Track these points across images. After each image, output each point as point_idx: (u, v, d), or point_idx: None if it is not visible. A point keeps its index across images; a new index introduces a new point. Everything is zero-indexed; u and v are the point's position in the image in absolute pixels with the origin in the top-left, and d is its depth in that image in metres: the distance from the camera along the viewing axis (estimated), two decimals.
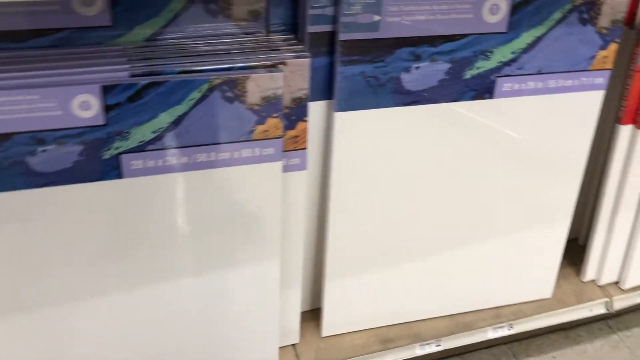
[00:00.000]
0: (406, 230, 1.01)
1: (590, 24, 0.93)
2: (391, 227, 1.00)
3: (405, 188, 0.97)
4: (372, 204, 0.97)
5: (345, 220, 0.97)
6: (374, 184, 0.95)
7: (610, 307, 1.20)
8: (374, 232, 0.99)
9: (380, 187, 0.96)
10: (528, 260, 1.13)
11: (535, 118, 0.98)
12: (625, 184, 1.12)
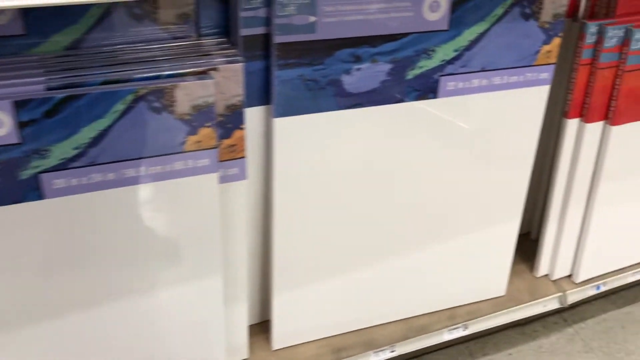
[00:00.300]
0: (354, 236, 0.98)
1: (533, 19, 0.91)
2: (339, 233, 0.96)
3: (352, 193, 0.94)
4: (318, 211, 0.93)
5: (291, 229, 0.93)
6: (319, 190, 0.92)
7: (564, 302, 1.20)
8: (321, 240, 0.96)
9: (326, 193, 0.92)
10: (481, 258, 1.11)
11: (481, 116, 0.96)
12: (574, 177, 1.11)
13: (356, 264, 1.00)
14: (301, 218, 0.93)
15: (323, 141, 0.88)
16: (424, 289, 1.09)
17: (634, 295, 1.41)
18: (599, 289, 1.24)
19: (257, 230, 0.96)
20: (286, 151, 0.86)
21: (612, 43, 1.00)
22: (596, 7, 1.06)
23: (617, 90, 1.04)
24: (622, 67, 1.02)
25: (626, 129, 1.08)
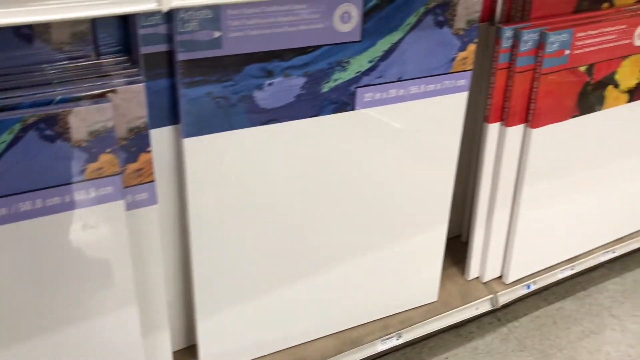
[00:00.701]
0: (277, 252, 0.95)
1: (447, 26, 0.90)
2: (260, 251, 0.93)
3: (271, 209, 0.91)
4: (237, 230, 0.90)
5: (210, 251, 0.89)
6: (236, 209, 0.88)
7: (496, 304, 1.21)
8: (242, 259, 0.93)
9: (243, 211, 0.89)
10: (411, 265, 1.10)
11: (401, 125, 0.95)
12: (499, 180, 1.12)
13: (282, 280, 0.98)
14: (219, 238, 0.89)
15: (237, 159, 0.85)
16: (355, 300, 1.07)
17: (564, 290, 1.44)
18: (529, 288, 1.25)
19: (175, 254, 0.92)
20: (198, 172, 0.83)
21: (527, 47, 1.01)
22: (512, 10, 1.06)
23: (535, 93, 1.05)
24: (539, 70, 1.03)
25: (546, 130, 1.09)
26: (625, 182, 1.29)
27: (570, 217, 1.24)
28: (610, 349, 1.30)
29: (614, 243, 1.36)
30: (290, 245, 0.95)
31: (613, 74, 1.12)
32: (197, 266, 0.89)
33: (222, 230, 0.89)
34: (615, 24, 1.07)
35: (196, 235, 0.87)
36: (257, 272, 0.95)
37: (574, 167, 1.18)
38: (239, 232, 0.90)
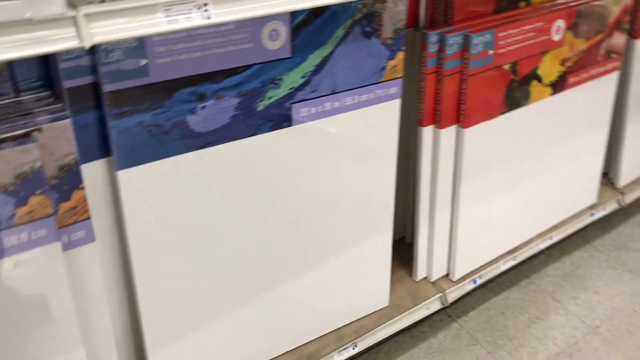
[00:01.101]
0: (223, 275, 0.93)
1: (375, 36, 0.91)
2: (206, 276, 0.91)
3: (214, 234, 0.89)
4: (181, 259, 0.88)
5: (155, 282, 0.87)
6: (178, 238, 0.86)
7: (445, 301, 1.23)
8: (189, 286, 0.90)
9: (186, 239, 0.87)
10: (360, 273, 1.11)
11: (339, 137, 0.95)
12: (437, 181, 1.14)
13: (231, 303, 0.96)
14: (163, 268, 0.87)
15: (175, 187, 0.83)
16: (308, 314, 1.06)
17: (509, 280, 1.48)
18: (475, 283, 1.28)
19: (120, 289, 0.88)
20: (136, 203, 0.80)
21: (453, 50, 1.03)
22: (435, 15, 1.08)
23: (465, 94, 1.07)
24: (466, 72, 1.06)
25: (477, 129, 1.12)
26: (555, 171, 1.34)
27: (508, 210, 1.28)
28: (556, 334, 1.35)
29: (550, 230, 1.41)
30: (235, 267, 0.94)
31: (536, 69, 1.17)
32: (143, 298, 0.87)
33: (165, 260, 0.86)
34: (533, 22, 1.11)
35: (139, 268, 0.84)
36: (204, 297, 0.93)
37: (507, 161, 1.22)
38: (183, 260, 0.88)
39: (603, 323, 1.38)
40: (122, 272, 0.87)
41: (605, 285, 1.48)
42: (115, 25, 0.52)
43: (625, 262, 1.55)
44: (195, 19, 0.54)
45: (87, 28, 0.50)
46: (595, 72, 1.29)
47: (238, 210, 0.90)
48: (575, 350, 1.31)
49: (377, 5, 0.89)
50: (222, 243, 0.90)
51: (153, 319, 0.89)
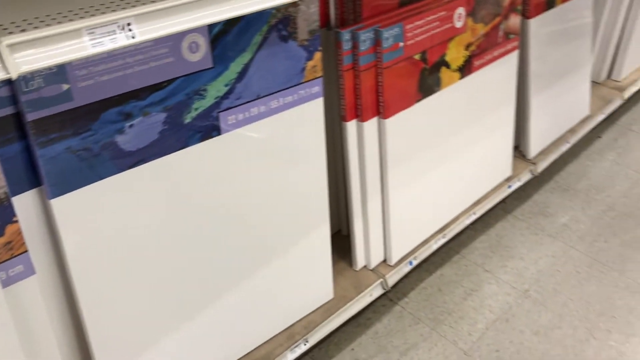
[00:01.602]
0: (170, 290, 0.93)
1: (292, 39, 0.94)
2: (153, 293, 0.91)
3: (155, 249, 0.89)
4: (125, 278, 0.87)
5: (100, 308, 0.85)
6: (120, 258, 0.85)
7: (386, 286, 1.28)
8: (136, 305, 0.90)
9: (128, 257, 0.86)
10: (303, 271, 1.13)
11: (268, 140, 0.97)
12: (366, 171, 1.18)
13: (179, 316, 0.96)
14: (107, 291, 0.86)
15: (111, 209, 0.82)
16: (257, 318, 1.08)
17: (441, 258, 1.55)
18: (412, 264, 1.34)
19: (66, 319, 0.86)
20: (72, 229, 0.79)
21: (366, 46, 1.07)
22: (345, 14, 1.12)
23: (381, 87, 1.12)
24: (380, 65, 1.10)
25: (397, 118, 1.17)
26: (472, 149, 1.42)
27: (434, 191, 1.35)
28: (491, 302, 1.43)
29: (473, 206, 1.50)
30: (179, 280, 0.94)
31: (443, 56, 1.23)
32: (90, 323, 0.85)
33: (109, 282, 0.85)
34: (436, 12, 1.17)
35: (83, 294, 0.83)
36: (152, 314, 0.92)
37: (427, 146, 1.28)
38: (127, 279, 0.87)
39: (532, 286, 1.48)
40: (66, 300, 0.85)
41: (529, 251, 1.58)
42: (41, 53, 0.52)
43: (544, 227, 1.66)
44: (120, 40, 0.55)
45: (12, 58, 0.49)
46: (497, 53, 1.38)
47: (176, 223, 0.90)
48: (510, 315, 1.40)
49: (291, 9, 0.92)
50: (164, 258, 0.90)
51: (102, 342, 0.87)
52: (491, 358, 1.30)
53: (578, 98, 1.79)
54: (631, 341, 1.34)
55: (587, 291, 1.46)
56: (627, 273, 1.51)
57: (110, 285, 0.85)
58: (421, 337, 1.34)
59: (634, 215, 1.70)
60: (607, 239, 1.62)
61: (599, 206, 1.73)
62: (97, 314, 0.85)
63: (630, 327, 1.37)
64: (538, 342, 1.34)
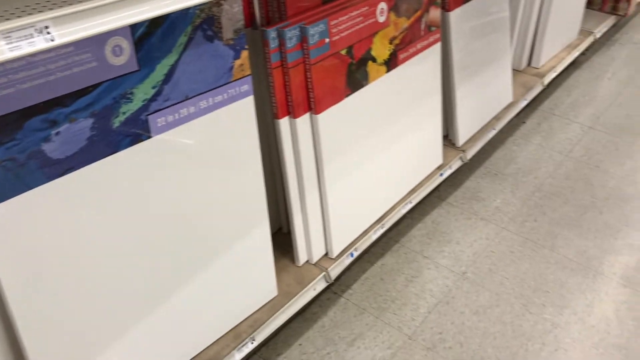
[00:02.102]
0: (110, 298, 0.92)
1: (217, 39, 0.95)
2: (93, 302, 0.90)
3: (92, 257, 0.88)
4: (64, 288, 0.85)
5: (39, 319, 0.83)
6: (57, 267, 0.84)
7: (329, 279, 1.30)
8: (76, 315, 0.88)
9: (65, 266, 0.85)
10: (245, 270, 1.14)
11: (200, 141, 0.97)
12: (302, 167, 1.20)
13: (123, 324, 0.95)
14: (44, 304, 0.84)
15: (41, 219, 0.80)
16: (202, 320, 1.08)
17: (381, 248, 1.59)
18: (353, 256, 1.36)
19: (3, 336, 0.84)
20: (3, 241, 0.77)
21: (293, 43, 1.09)
22: (270, 13, 1.14)
23: (311, 83, 1.14)
24: (308, 62, 1.12)
25: (328, 113, 1.19)
26: (403, 140, 1.46)
27: (369, 182, 1.38)
28: (432, 286, 1.48)
29: (408, 195, 1.54)
30: (118, 288, 0.93)
31: (369, 51, 1.27)
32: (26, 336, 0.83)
33: (44, 294, 0.83)
34: (359, 7, 1.20)
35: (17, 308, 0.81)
36: (93, 322, 0.91)
37: (360, 139, 1.31)
38: (66, 290, 0.85)
39: (468, 268, 1.53)
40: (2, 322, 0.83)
41: (464, 235, 1.64)
42: None
43: (477, 212, 1.72)
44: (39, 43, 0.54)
45: None
46: (420, 45, 1.42)
47: (112, 230, 0.89)
48: (450, 297, 1.45)
49: (214, 9, 0.92)
50: (101, 266, 0.89)
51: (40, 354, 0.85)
52: (434, 340, 1.34)
53: (501, 86, 1.87)
54: (564, 313, 1.41)
55: (521, 269, 1.53)
56: (557, 249, 1.59)
57: (46, 297, 0.83)
58: (367, 326, 1.37)
59: (560, 194, 1.79)
60: (536, 218, 1.70)
61: (527, 188, 1.82)
62: (34, 327, 0.83)
63: (562, 299, 1.45)
64: (478, 321, 1.39)
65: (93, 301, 0.89)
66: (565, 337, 1.35)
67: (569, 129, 2.10)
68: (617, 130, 2.10)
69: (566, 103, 2.26)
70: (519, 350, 1.32)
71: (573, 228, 1.66)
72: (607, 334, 1.36)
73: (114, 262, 0.90)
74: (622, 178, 1.86)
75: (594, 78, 2.44)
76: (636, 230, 1.65)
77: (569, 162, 1.93)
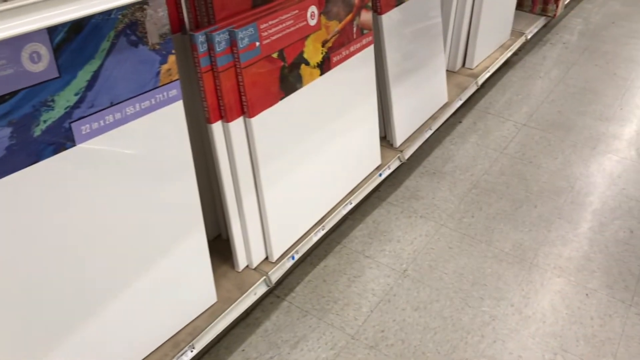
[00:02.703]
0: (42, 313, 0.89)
1: (142, 44, 0.93)
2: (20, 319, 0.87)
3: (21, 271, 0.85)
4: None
5: None
6: None
7: (270, 283, 1.29)
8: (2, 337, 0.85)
9: None
10: (182, 278, 1.12)
11: (129, 147, 0.96)
12: (237, 172, 1.19)
13: (58, 337, 0.92)
14: None
15: None
16: (140, 330, 1.06)
17: (324, 250, 1.60)
18: (294, 259, 1.36)
19: None
20: None
21: (222, 47, 1.09)
22: (198, 17, 1.13)
23: (243, 87, 1.14)
24: (239, 66, 1.12)
25: (262, 117, 1.19)
26: (341, 142, 1.47)
27: (308, 185, 1.38)
28: (373, 286, 1.49)
29: (348, 196, 1.55)
30: (50, 302, 0.90)
31: (302, 54, 1.27)
32: None
33: None
34: (289, 10, 1.21)
35: None
36: (23, 338, 0.88)
37: (296, 141, 1.31)
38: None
39: (409, 265, 1.56)
40: None
41: (405, 233, 1.66)
42: None
43: (417, 210, 1.75)
44: None
45: None
46: (354, 48, 1.44)
47: (37, 241, 0.86)
48: (391, 295, 1.47)
49: (138, 14, 0.91)
50: (27, 278, 0.86)
51: None
52: (377, 339, 1.36)
53: (436, 87, 1.91)
54: (501, 304, 1.45)
55: (459, 264, 1.57)
56: (494, 243, 1.64)
57: None
58: (310, 329, 1.37)
59: (495, 190, 1.84)
60: (473, 214, 1.74)
61: (464, 185, 1.86)
62: None
63: (499, 292, 1.49)
64: (419, 317, 1.41)
65: (20, 313, 0.86)
66: (502, 328, 1.39)
67: (504, 127, 2.17)
68: (549, 127, 2.18)
69: (501, 102, 2.33)
70: (459, 343, 1.35)
71: (509, 222, 1.71)
72: (543, 323, 1.41)
73: (40, 274, 0.88)
74: (554, 172, 1.93)
75: (526, 77, 2.53)
76: (568, 221, 1.72)
77: (504, 158, 1.99)
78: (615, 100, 2.37)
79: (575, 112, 2.28)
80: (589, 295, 1.48)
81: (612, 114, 2.27)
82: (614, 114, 2.27)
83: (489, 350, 1.33)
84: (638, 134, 2.15)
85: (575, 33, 2.99)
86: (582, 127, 2.18)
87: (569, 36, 2.95)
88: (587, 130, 2.16)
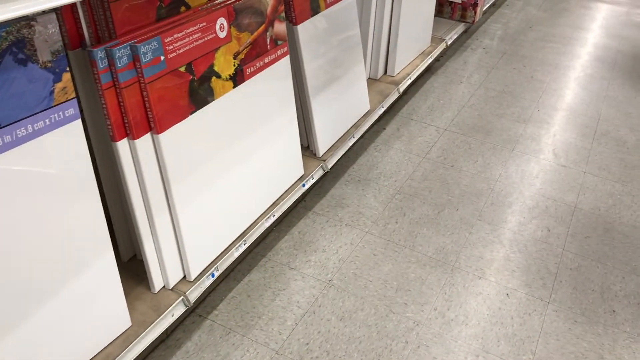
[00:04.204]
0: None
1: (32, 62, 0.89)
2: None
3: None
4: None
5: None
6: None
7: (188, 302, 1.26)
8: None
9: None
10: (91, 304, 1.07)
11: (24, 170, 0.90)
12: (147, 190, 1.15)
13: None
14: None
15: None
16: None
17: (248, 264, 1.57)
18: (214, 276, 1.33)
19: None
20: None
21: (124, 62, 1.05)
22: (99, 32, 1.09)
23: (148, 102, 1.10)
24: (143, 81, 1.08)
25: (172, 132, 1.16)
26: (260, 154, 1.46)
27: (226, 200, 1.36)
28: (298, 298, 1.48)
29: (271, 208, 1.53)
30: None
31: (212, 67, 1.25)
32: None
33: None
34: (196, 23, 1.18)
35: None
36: None
37: (211, 156, 1.28)
38: None
39: (334, 275, 1.55)
40: None
41: (330, 243, 1.66)
42: None
43: (342, 218, 1.75)
44: None
45: None
46: (268, 59, 1.43)
47: None
48: (316, 306, 1.46)
49: (24, 30, 0.87)
50: None
51: None
52: (302, 352, 1.34)
53: (357, 95, 1.92)
54: (424, 309, 1.46)
55: (384, 271, 1.57)
56: (417, 248, 1.65)
57: None
58: (233, 346, 1.34)
59: (418, 195, 1.86)
60: (397, 220, 1.75)
61: (388, 191, 1.88)
62: None
63: (423, 296, 1.50)
64: (344, 326, 1.41)
65: None
66: (426, 333, 1.40)
67: (426, 132, 2.20)
68: (470, 130, 2.23)
69: (423, 108, 2.37)
70: (384, 351, 1.35)
71: (431, 226, 1.74)
72: (465, 325, 1.43)
73: None
74: (475, 175, 1.97)
75: (448, 82, 2.59)
76: (488, 222, 1.76)
77: (427, 163, 2.02)
78: (532, 102, 2.45)
79: (494, 115, 2.35)
80: (509, 295, 1.52)
81: (530, 115, 2.35)
82: (531, 116, 2.35)
83: (413, 356, 1.34)
84: (554, 135, 2.23)
85: (495, 38, 3.08)
86: (501, 129, 2.25)
87: (488, 41, 3.04)
88: (506, 132, 2.23)
